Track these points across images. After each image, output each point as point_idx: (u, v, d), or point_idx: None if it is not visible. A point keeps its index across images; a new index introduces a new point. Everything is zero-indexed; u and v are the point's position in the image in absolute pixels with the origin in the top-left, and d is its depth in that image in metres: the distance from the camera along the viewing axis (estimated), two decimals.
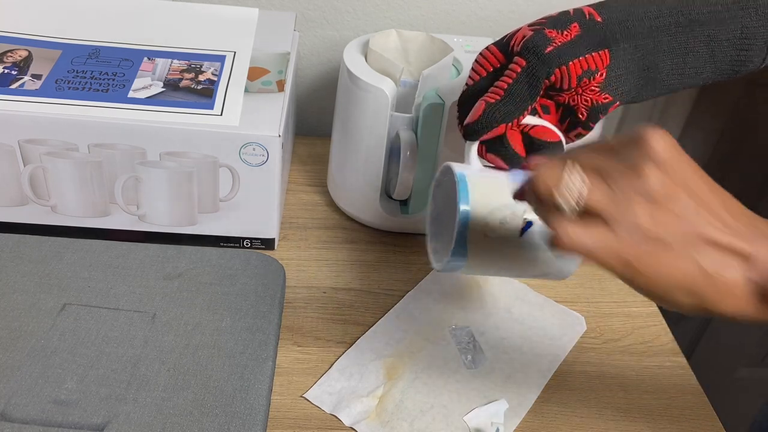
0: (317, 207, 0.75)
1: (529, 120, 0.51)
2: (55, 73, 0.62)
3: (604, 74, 0.49)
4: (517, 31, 0.50)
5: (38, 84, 0.60)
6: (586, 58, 0.48)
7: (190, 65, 0.65)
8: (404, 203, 0.71)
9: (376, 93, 0.63)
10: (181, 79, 0.63)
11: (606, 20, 0.49)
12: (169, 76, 0.63)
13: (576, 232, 0.34)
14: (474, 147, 0.51)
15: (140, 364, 0.53)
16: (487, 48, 0.52)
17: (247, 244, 0.67)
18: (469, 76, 0.52)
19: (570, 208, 0.35)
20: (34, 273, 0.59)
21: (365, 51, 0.67)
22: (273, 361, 0.55)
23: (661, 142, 0.35)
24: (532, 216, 0.46)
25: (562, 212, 0.35)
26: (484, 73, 0.51)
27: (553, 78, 0.48)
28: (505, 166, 0.51)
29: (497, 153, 0.51)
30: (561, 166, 0.36)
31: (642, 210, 0.34)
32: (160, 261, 0.62)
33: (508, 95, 0.48)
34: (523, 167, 0.48)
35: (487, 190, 0.47)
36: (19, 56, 0.63)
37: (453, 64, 0.68)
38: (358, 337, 0.59)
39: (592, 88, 0.49)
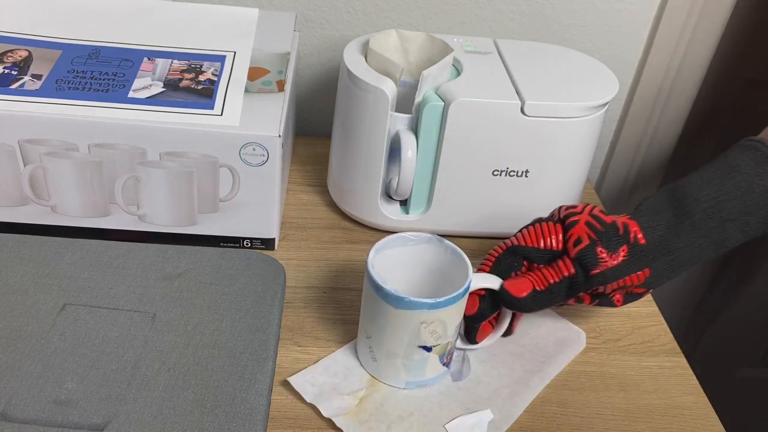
0: (317, 207, 0.75)
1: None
2: (55, 73, 0.62)
3: (642, 283, 0.53)
4: (579, 218, 0.53)
5: (38, 84, 0.60)
6: (625, 279, 0.52)
7: (190, 65, 0.65)
8: (404, 203, 0.71)
9: (376, 93, 0.63)
10: (181, 79, 0.63)
11: (649, 242, 0.52)
12: (169, 76, 0.63)
13: None
14: (485, 284, 0.54)
15: (140, 364, 0.53)
16: (546, 222, 0.55)
17: (247, 244, 0.67)
18: (518, 236, 0.56)
19: None
20: (34, 273, 0.59)
21: (365, 51, 0.67)
22: (273, 361, 0.55)
23: None
24: (436, 348, 0.53)
25: None
26: (539, 244, 0.54)
27: (591, 291, 0.53)
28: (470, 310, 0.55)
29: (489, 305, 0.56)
30: None
31: None
32: (160, 261, 0.62)
33: (549, 291, 0.52)
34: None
35: (461, 308, 0.53)
36: (19, 56, 0.63)
37: (453, 64, 0.68)
38: None
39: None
